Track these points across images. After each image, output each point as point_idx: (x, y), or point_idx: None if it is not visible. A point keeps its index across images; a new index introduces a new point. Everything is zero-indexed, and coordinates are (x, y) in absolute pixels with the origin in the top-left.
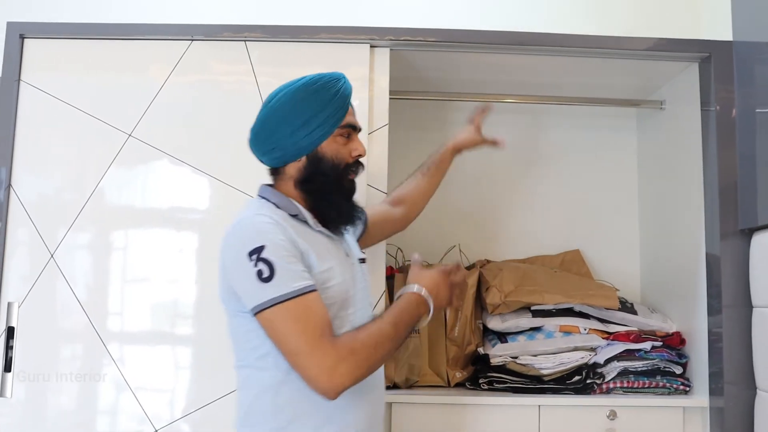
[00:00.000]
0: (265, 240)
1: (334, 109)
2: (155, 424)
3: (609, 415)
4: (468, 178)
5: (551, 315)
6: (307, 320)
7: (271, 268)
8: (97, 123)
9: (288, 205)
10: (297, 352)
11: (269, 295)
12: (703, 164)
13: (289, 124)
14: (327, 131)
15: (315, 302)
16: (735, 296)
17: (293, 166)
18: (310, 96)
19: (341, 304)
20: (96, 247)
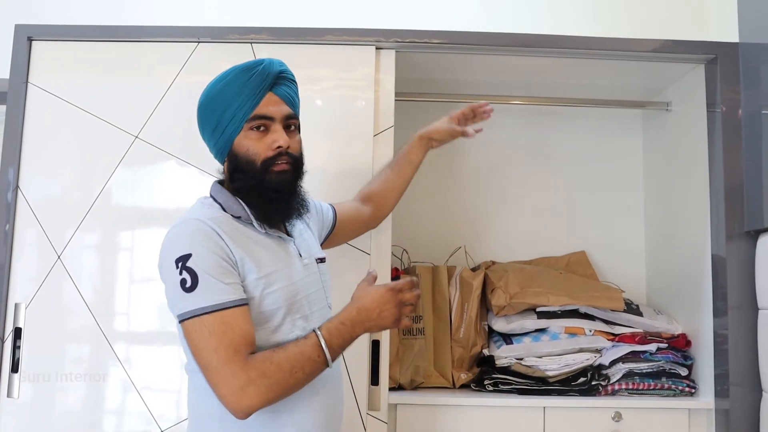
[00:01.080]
0: (192, 248)
1: (242, 101)
2: (161, 424)
3: (614, 416)
4: (473, 179)
5: (556, 316)
6: (222, 336)
7: (195, 278)
8: (104, 125)
9: (233, 206)
10: (208, 367)
11: (189, 306)
12: (708, 166)
13: (208, 123)
14: (236, 127)
15: (235, 318)
16: (741, 298)
17: (225, 167)
18: (222, 90)
19: (289, 308)
20: (103, 248)
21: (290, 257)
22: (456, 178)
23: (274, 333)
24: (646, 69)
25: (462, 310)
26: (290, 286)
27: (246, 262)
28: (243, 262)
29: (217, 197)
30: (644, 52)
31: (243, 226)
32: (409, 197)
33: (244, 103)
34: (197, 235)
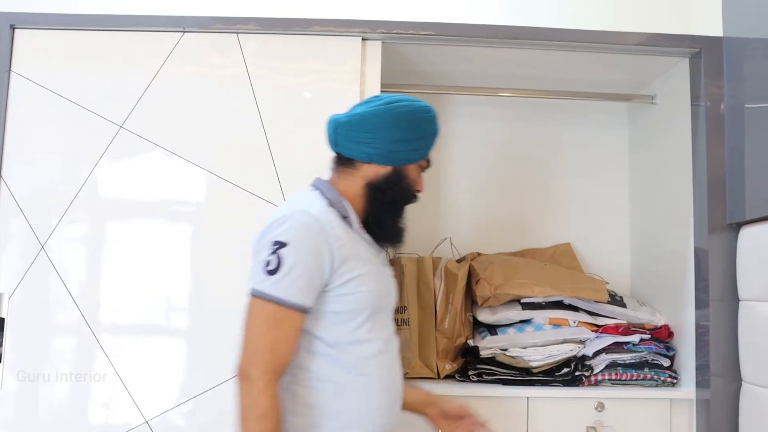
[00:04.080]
0: (293, 240)
1: (430, 142)
2: (146, 415)
3: (597, 406)
4: (459, 171)
5: (541, 308)
6: (273, 328)
7: (279, 266)
8: (89, 115)
9: (340, 205)
10: (249, 340)
11: (262, 286)
12: (692, 159)
13: (400, 132)
14: (419, 157)
15: (292, 320)
16: (722, 290)
17: (374, 168)
18: (425, 121)
19: (375, 310)
20: (87, 238)
21: (380, 265)
22: (442, 170)
23: (353, 332)
24: (632, 62)
25: (447, 301)
26: (379, 290)
27: (348, 260)
28: (345, 259)
29: (325, 193)
30: (630, 45)
31: (346, 225)
32: None
33: (428, 146)
34: (305, 230)
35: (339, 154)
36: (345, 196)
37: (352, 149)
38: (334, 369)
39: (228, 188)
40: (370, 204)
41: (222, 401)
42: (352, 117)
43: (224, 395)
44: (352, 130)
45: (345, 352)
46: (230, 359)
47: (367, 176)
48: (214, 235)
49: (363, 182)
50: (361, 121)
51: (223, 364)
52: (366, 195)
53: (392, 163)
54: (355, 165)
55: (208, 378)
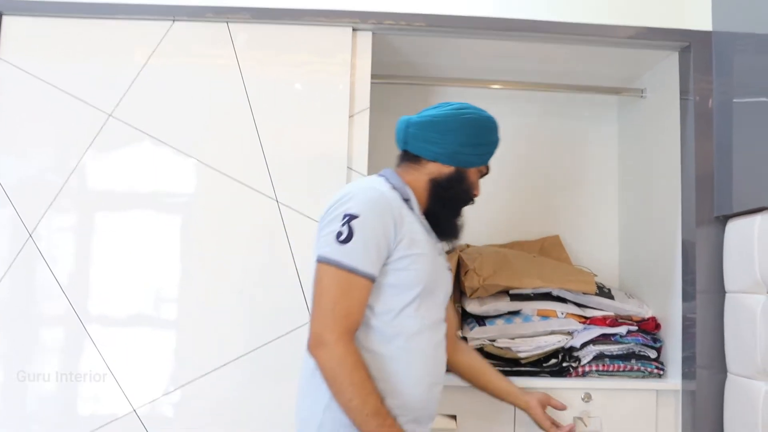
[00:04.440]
0: (364, 213)
1: (491, 150)
2: (134, 403)
3: (584, 397)
4: None
5: (529, 299)
6: (344, 294)
7: (350, 236)
8: (77, 103)
9: (403, 189)
10: (319, 306)
11: (333, 254)
12: (680, 152)
13: (465, 136)
14: (480, 161)
15: (361, 287)
16: (709, 282)
17: (438, 167)
18: (489, 130)
19: (425, 291)
20: (75, 227)
21: (434, 250)
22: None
23: (402, 307)
24: (622, 56)
25: None
26: (432, 273)
27: (407, 238)
28: (406, 237)
29: (390, 179)
30: (620, 38)
31: (407, 208)
32: None
33: (489, 153)
34: (374, 204)
35: (406, 152)
36: (409, 186)
37: (420, 147)
38: (376, 339)
39: (218, 178)
40: (432, 199)
41: (210, 390)
42: (424, 118)
43: (212, 384)
44: (423, 130)
45: (390, 325)
46: (219, 349)
47: (431, 173)
48: (204, 224)
49: (427, 178)
50: (431, 122)
51: (211, 353)
52: (429, 190)
53: (456, 164)
54: (421, 162)
55: (196, 367)
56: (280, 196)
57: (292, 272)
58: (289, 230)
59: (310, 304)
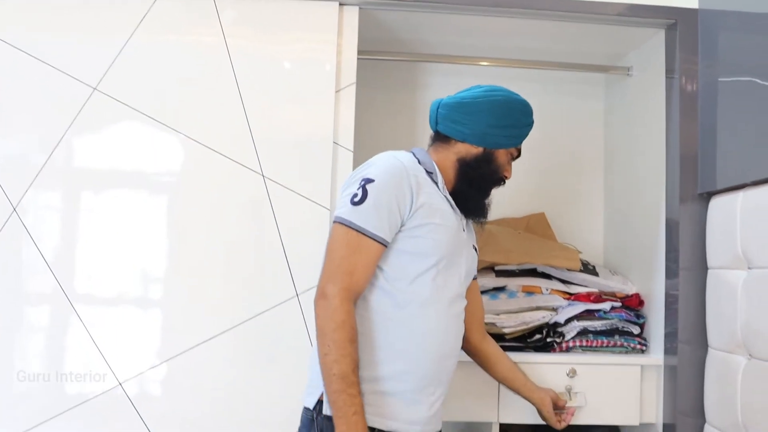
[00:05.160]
0: (379, 178)
1: (521, 132)
2: (120, 377)
3: (569, 372)
4: None
5: (514, 275)
6: (352, 253)
7: (364, 199)
8: (61, 76)
9: (429, 164)
10: (328, 262)
11: (346, 215)
12: (665, 130)
13: (494, 118)
14: (510, 143)
15: (370, 249)
16: (692, 259)
17: (466, 147)
18: (519, 112)
19: (442, 261)
20: (60, 201)
21: (457, 224)
22: (418, 139)
23: (416, 275)
24: (609, 33)
25: None
26: (450, 245)
27: (426, 206)
28: (423, 206)
29: (417, 155)
30: (607, 15)
31: (430, 180)
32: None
33: (519, 136)
34: (391, 171)
35: (437, 132)
36: (438, 165)
37: (449, 128)
38: (388, 303)
39: (203, 152)
40: (459, 178)
41: (196, 364)
42: (454, 99)
43: (198, 358)
44: (452, 111)
45: (403, 291)
46: (205, 323)
47: (459, 153)
48: (190, 198)
49: (455, 157)
50: (461, 103)
51: (197, 327)
52: (457, 169)
53: (484, 145)
54: (451, 142)
55: (182, 341)
56: (266, 170)
57: (278, 246)
58: (275, 204)
59: (295, 278)
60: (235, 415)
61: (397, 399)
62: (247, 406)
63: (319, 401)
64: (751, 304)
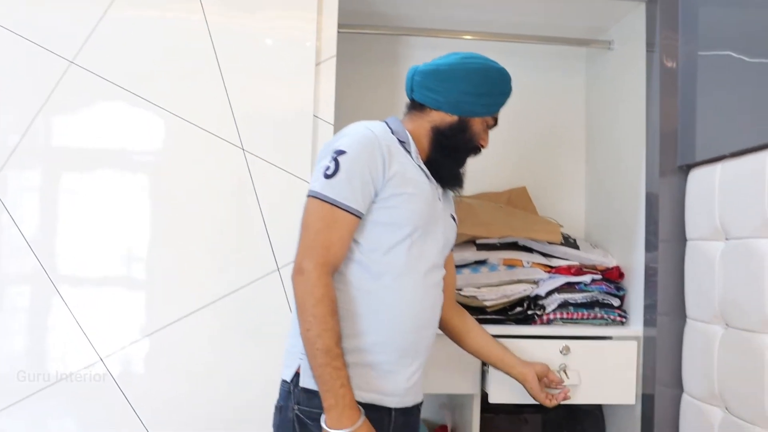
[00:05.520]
0: (351, 149)
1: (497, 101)
2: (101, 352)
3: (563, 350)
4: None
5: (495, 249)
6: (327, 228)
7: (336, 171)
8: (37, 49)
9: (402, 134)
10: (303, 237)
11: (319, 188)
12: (646, 104)
13: (470, 85)
14: (486, 112)
15: (344, 222)
16: (671, 231)
17: (441, 115)
18: (496, 80)
19: (417, 231)
20: (36, 182)
21: (431, 193)
22: (399, 112)
23: (391, 246)
24: (591, 7)
25: None
26: (425, 215)
27: (399, 176)
28: (396, 176)
29: (390, 124)
30: None
31: (403, 150)
32: None
33: (500, 104)
34: (362, 142)
35: (413, 101)
36: (412, 134)
37: (424, 96)
38: (363, 276)
39: (184, 126)
40: (434, 146)
41: (178, 339)
42: (429, 67)
43: (181, 333)
44: (427, 78)
45: (378, 263)
46: (186, 298)
47: (434, 121)
48: (170, 172)
49: (430, 126)
50: (436, 71)
51: (179, 302)
52: (431, 138)
53: (459, 113)
54: (426, 110)
55: (164, 316)
56: (247, 144)
57: (258, 220)
58: (255, 179)
59: (276, 252)
60: (216, 387)
61: (373, 371)
62: (229, 379)
63: (297, 374)
64: (728, 275)
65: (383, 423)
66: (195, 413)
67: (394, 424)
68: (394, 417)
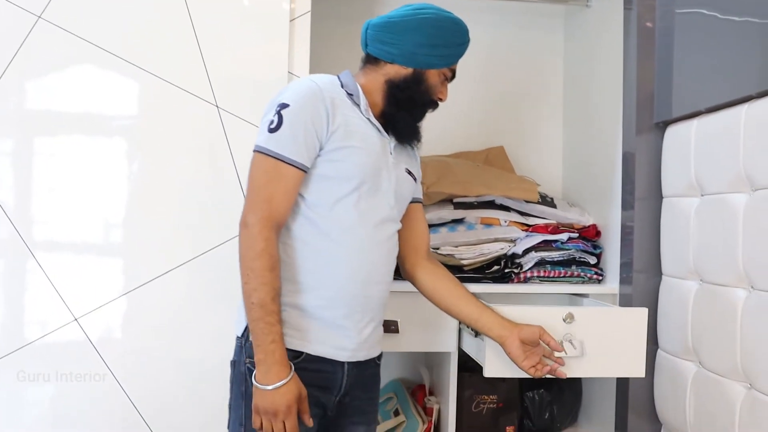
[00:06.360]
0: (294, 102)
1: (453, 52)
2: (75, 312)
3: (566, 318)
4: None
5: (473, 207)
6: (271, 181)
7: (279, 125)
8: (2, 3)
9: (351, 85)
10: (249, 192)
11: (263, 143)
12: (623, 62)
13: (423, 37)
14: (442, 63)
15: (288, 175)
16: (648, 189)
17: (396, 69)
18: (450, 31)
19: (363, 182)
20: (6, 146)
21: (381, 147)
22: None
23: (338, 200)
24: None
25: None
26: (372, 167)
27: (343, 128)
28: (340, 128)
29: (341, 77)
30: None
31: (352, 104)
32: None
33: (451, 56)
34: (305, 93)
35: (368, 55)
36: (364, 88)
37: (378, 49)
38: (311, 231)
39: (156, 83)
40: (387, 99)
41: (154, 297)
42: (382, 19)
43: (156, 292)
44: (380, 31)
45: (325, 217)
46: (162, 256)
47: (388, 74)
48: (144, 129)
49: (384, 79)
50: (389, 23)
51: (154, 261)
52: (384, 91)
53: (414, 65)
54: (380, 64)
55: (140, 275)
56: (221, 101)
57: (233, 177)
58: (229, 135)
59: None
60: (188, 345)
61: (323, 324)
62: (202, 338)
63: (246, 327)
64: (703, 231)
65: (336, 376)
66: (168, 369)
67: (347, 377)
68: (347, 370)
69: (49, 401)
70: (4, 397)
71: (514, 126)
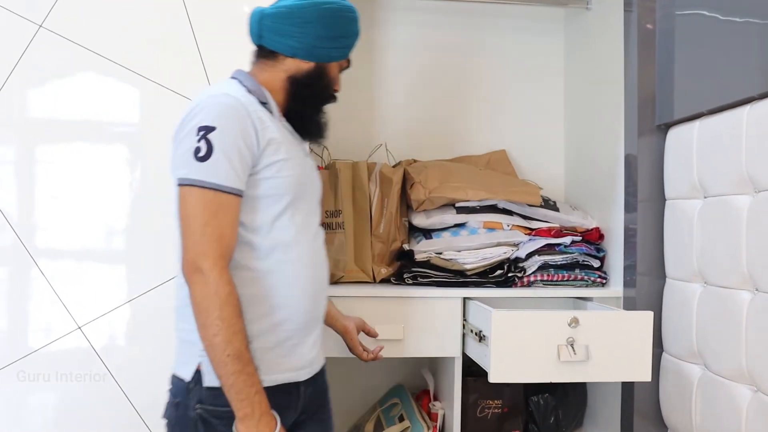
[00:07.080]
0: (219, 123)
1: (352, 42)
2: (79, 321)
3: (571, 322)
4: (396, 77)
5: (475, 211)
6: (214, 216)
7: (210, 151)
8: (3, 12)
9: (259, 92)
10: (189, 232)
11: (194, 174)
12: (624, 64)
13: (324, 28)
14: (341, 55)
15: (230, 205)
16: (650, 191)
17: (297, 63)
18: (348, 20)
19: (297, 194)
20: (8, 154)
21: (301, 152)
22: (377, 76)
23: (275, 218)
24: None
25: (382, 205)
26: (302, 176)
27: (273, 143)
28: (269, 143)
29: (244, 81)
30: None
31: (266, 111)
32: None
33: (350, 46)
34: (228, 111)
35: (261, 47)
36: (265, 87)
37: (276, 42)
38: (254, 255)
39: (157, 90)
40: (292, 97)
41: (156, 305)
42: (279, 9)
43: (158, 298)
44: (277, 22)
45: (266, 239)
46: (166, 264)
47: (289, 70)
48: (145, 136)
49: (285, 75)
50: (287, 14)
51: (158, 268)
52: (288, 88)
53: (315, 59)
54: (278, 58)
55: (142, 283)
56: None
57: None
58: None
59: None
60: None
61: (279, 351)
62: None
63: (198, 371)
64: (706, 233)
65: (292, 401)
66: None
67: (303, 398)
68: (303, 391)
69: (53, 409)
70: (8, 405)
71: (516, 129)
